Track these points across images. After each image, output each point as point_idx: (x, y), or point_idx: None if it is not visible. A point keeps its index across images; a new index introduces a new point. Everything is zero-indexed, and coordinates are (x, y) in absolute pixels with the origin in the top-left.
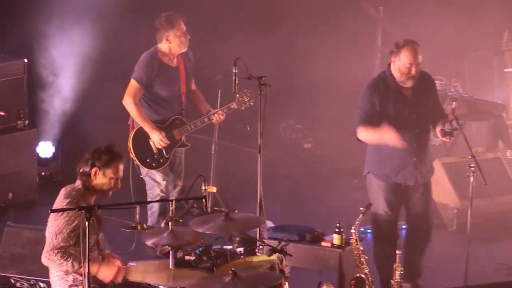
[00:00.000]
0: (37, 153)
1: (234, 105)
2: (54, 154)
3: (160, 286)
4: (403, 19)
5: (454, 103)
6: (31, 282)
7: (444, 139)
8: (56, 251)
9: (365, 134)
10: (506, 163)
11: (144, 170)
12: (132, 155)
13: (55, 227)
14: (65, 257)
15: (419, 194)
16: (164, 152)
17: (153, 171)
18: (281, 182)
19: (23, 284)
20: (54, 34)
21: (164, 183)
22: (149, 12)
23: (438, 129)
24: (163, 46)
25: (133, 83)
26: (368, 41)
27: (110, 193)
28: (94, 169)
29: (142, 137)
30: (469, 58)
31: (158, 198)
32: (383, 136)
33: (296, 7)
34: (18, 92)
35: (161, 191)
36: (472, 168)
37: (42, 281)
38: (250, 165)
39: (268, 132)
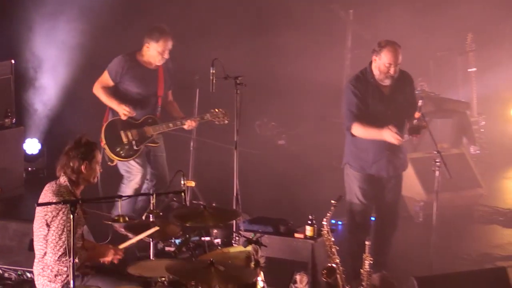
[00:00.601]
0: (24, 150)
1: (208, 116)
2: (40, 150)
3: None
4: (372, 21)
5: (420, 101)
6: (19, 273)
7: (411, 136)
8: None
9: (362, 131)
10: (470, 158)
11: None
12: (103, 143)
13: (57, 230)
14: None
15: (390, 186)
16: (134, 145)
17: (129, 164)
18: (256, 176)
19: (10, 274)
20: (39, 35)
21: (139, 175)
22: (134, 14)
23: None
24: (144, 50)
25: (105, 74)
26: (339, 43)
27: (95, 178)
28: (84, 164)
29: (114, 128)
30: (434, 59)
31: (132, 191)
32: (380, 134)
33: (271, 11)
34: (5, 91)
35: (136, 183)
36: (438, 163)
37: (29, 271)
38: (227, 161)
39: (244, 129)
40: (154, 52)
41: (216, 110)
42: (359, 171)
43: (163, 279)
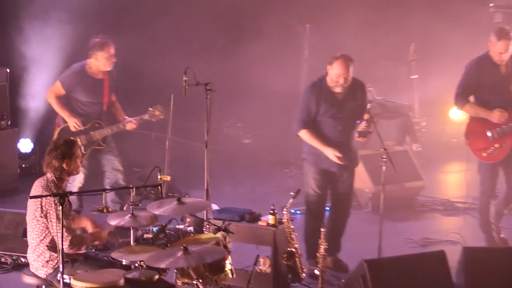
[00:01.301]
0: (18, 149)
1: (146, 117)
2: (32, 149)
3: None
4: (326, 34)
5: (369, 104)
6: (13, 258)
7: (360, 139)
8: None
9: (307, 139)
10: (412, 155)
11: None
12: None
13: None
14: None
15: (343, 179)
16: (83, 149)
17: None
18: (225, 171)
19: (6, 259)
20: (31, 42)
21: (82, 176)
22: (121, 24)
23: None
24: (92, 61)
25: (57, 83)
26: (297, 53)
27: (77, 170)
28: (65, 161)
29: (65, 134)
30: (381, 66)
31: (77, 188)
32: (324, 149)
33: (240, 25)
34: (1, 97)
35: (79, 182)
36: (384, 159)
37: (23, 257)
38: (198, 158)
39: (213, 130)
40: (102, 60)
41: (152, 108)
42: (314, 166)
43: (142, 262)
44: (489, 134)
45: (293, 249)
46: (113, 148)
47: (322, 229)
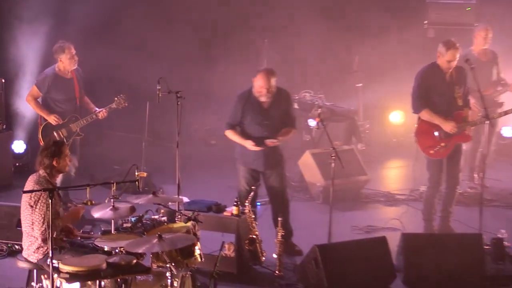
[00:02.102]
0: (12, 149)
1: (113, 105)
2: (25, 149)
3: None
4: (282, 48)
5: (319, 109)
6: (9, 245)
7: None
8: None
9: (231, 136)
10: (357, 153)
11: None
12: (42, 143)
13: (40, 211)
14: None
15: (273, 177)
16: (66, 140)
17: None
18: (193, 168)
19: (2, 246)
20: (22, 55)
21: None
22: (110, 31)
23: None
24: (59, 64)
25: (33, 87)
26: (257, 64)
27: (66, 169)
28: (54, 159)
29: (48, 130)
30: (331, 76)
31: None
32: (242, 142)
33: (210, 40)
34: None
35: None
36: (333, 157)
37: (17, 244)
38: (170, 156)
39: (183, 132)
40: (66, 61)
41: (117, 98)
42: (243, 165)
43: (122, 248)
44: (436, 134)
45: (254, 236)
46: (76, 147)
47: (279, 218)
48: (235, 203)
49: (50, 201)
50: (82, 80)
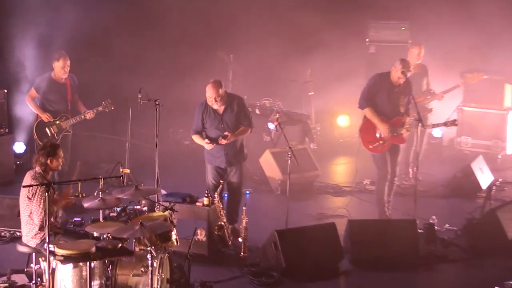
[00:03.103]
0: (14, 150)
1: (100, 108)
2: (25, 150)
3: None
4: (245, 62)
5: (278, 114)
6: (11, 232)
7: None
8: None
9: (195, 140)
10: (310, 151)
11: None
12: (35, 137)
13: (37, 202)
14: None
15: (233, 173)
16: (56, 136)
17: None
18: (170, 165)
19: (5, 233)
20: (23, 71)
21: None
22: (101, 45)
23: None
24: (54, 69)
25: (32, 89)
26: (224, 76)
27: (59, 167)
28: (49, 159)
29: (41, 126)
30: (287, 85)
31: None
32: (201, 142)
33: (180, 54)
34: (1, 111)
35: None
36: (289, 155)
37: (18, 231)
38: (150, 155)
39: (161, 134)
40: (58, 68)
41: (104, 102)
42: (210, 164)
43: (109, 234)
44: (377, 132)
45: (222, 223)
46: (68, 145)
47: (244, 207)
48: (206, 195)
49: (46, 194)
50: (75, 86)
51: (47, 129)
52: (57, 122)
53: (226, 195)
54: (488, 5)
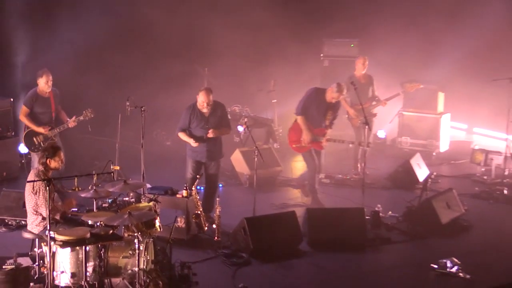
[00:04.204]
0: (19, 150)
1: (81, 117)
2: (28, 151)
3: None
4: (219, 75)
5: (246, 118)
6: (17, 221)
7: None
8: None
9: (182, 137)
10: (274, 150)
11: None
12: (24, 145)
13: (43, 197)
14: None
15: (211, 167)
16: (42, 143)
17: (33, 154)
18: (154, 163)
19: (12, 222)
20: (25, 82)
21: None
22: (97, 61)
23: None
24: (38, 85)
25: (23, 107)
26: (200, 86)
27: (60, 168)
28: (47, 160)
29: (29, 136)
30: (254, 94)
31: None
32: (188, 140)
33: (162, 66)
34: (7, 117)
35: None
36: (256, 153)
37: (23, 220)
38: (137, 154)
39: (146, 136)
40: (42, 84)
41: (85, 111)
42: (191, 158)
43: (102, 222)
44: (301, 137)
45: (199, 212)
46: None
47: (218, 199)
48: (185, 188)
49: (48, 188)
50: (58, 98)
51: (34, 139)
52: (43, 132)
53: (202, 188)
54: (424, 26)
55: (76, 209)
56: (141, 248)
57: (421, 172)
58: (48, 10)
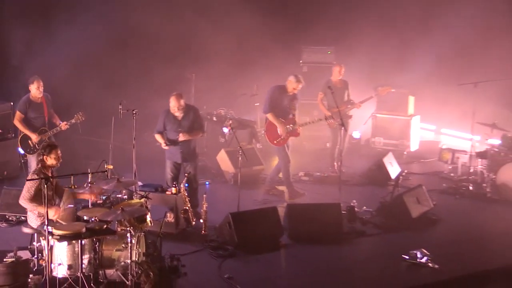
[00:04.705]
0: (19, 151)
1: (73, 120)
2: None
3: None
4: (206, 79)
5: (230, 121)
6: (17, 217)
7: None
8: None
9: (157, 138)
10: (257, 150)
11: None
12: (20, 147)
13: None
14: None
15: (188, 168)
16: (36, 146)
17: (32, 157)
18: (145, 162)
19: (12, 218)
20: (25, 86)
21: (35, 161)
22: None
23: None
24: (30, 91)
25: (17, 112)
26: (188, 91)
27: (58, 165)
28: (44, 157)
29: (24, 139)
30: (238, 98)
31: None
32: (161, 142)
33: (151, 73)
34: (8, 120)
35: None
36: (240, 153)
37: (23, 216)
38: (129, 154)
39: (138, 137)
40: (33, 90)
41: (76, 115)
42: (169, 159)
43: (96, 217)
44: (278, 131)
45: (187, 208)
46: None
47: (204, 195)
48: (174, 186)
49: (45, 185)
50: (50, 102)
51: (29, 141)
52: (38, 134)
53: (207, 183)
54: (396, 35)
55: (71, 205)
56: (133, 241)
57: (393, 170)
58: (48, 19)
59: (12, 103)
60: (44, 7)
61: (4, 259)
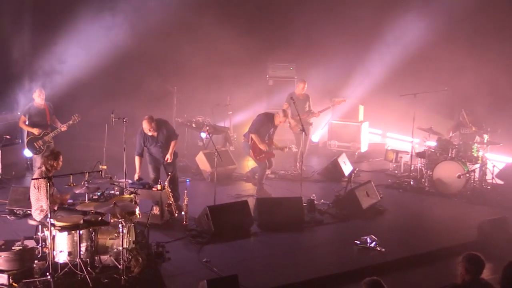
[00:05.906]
0: (24, 154)
1: (70, 122)
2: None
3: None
4: (186, 92)
5: (207, 127)
6: (23, 211)
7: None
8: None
9: (136, 161)
10: (230, 152)
11: (32, 154)
12: (27, 149)
13: (43, 191)
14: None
15: (169, 167)
16: (41, 147)
17: (37, 157)
18: (134, 163)
19: (20, 212)
20: (30, 99)
21: (40, 161)
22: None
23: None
24: (34, 99)
25: (22, 116)
26: (170, 102)
27: (59, 167)
28: (50, 161)
29: (31, 142)
30: (214, 107)
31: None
32: (136, 169)
33: (136, 84)
34: (16, 128)
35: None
36: (216, 154)
37: (29, 210)
38: (120, 156)
39: (128, 141)
40: (37, 98)
41: (73, 116)
42: (151, 164)
43: (92, 210)
44: (260, 150)
45: (170, 202)
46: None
47: (185, 191)
48: (159, 183)
49: (48, 184)
50: (52, 110)
51: (35, 144)
52: (41, 137)
53: (188, 180)
54: (348, 53)
55: (71, 200)
56: (124, 231)
57: (346, 168)
58: (53, 36)
59: (19, 113)
60: (50, 25)
61: (13, 247)
